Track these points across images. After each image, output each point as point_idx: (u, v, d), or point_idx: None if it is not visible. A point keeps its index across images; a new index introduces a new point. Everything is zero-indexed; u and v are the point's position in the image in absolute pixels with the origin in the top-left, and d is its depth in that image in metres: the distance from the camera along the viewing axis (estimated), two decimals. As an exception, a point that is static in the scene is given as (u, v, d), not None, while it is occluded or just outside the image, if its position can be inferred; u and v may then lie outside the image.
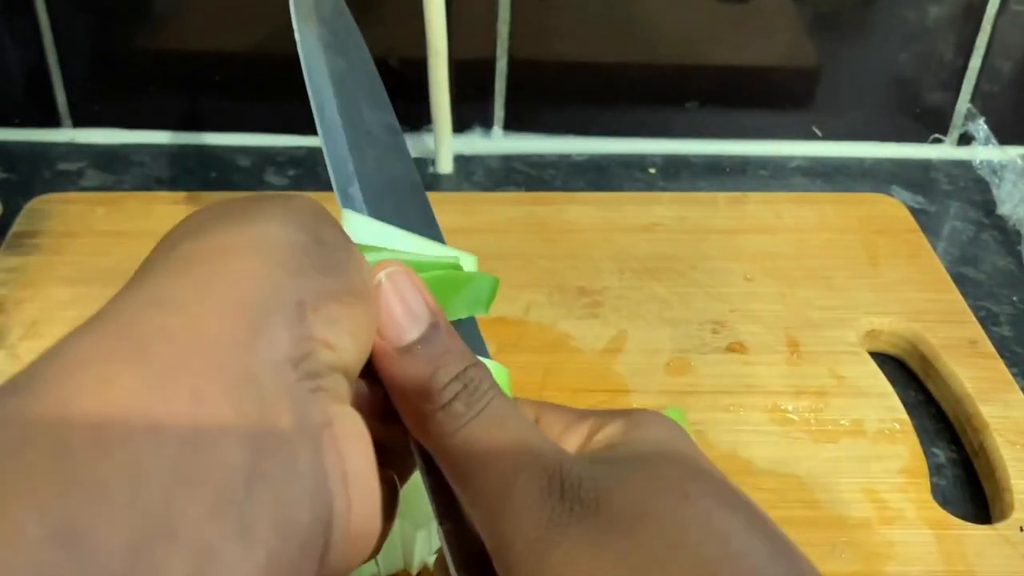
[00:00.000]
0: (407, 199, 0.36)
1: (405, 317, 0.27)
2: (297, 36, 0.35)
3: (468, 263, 0.32)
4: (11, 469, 0.18)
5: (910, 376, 0.53)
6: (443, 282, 0.30)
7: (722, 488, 0.26)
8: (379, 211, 0.32)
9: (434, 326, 0.27)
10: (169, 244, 0.26)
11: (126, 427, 0.20)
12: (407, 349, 0.27)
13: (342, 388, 0.25)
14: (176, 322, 0.22)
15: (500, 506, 0.25)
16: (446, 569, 0.27)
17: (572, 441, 0.29)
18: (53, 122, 0.68)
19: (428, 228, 0.35)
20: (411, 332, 0.27)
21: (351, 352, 0.25)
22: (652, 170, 0.68)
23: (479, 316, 0.33)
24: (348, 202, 0.32)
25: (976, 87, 0.68)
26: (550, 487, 0.25)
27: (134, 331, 0.22)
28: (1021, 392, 0.49)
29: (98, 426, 0.20)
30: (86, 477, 0.19)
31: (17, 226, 0.58)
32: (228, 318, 0.23)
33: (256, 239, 0.25)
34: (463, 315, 0.31)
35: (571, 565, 0.24)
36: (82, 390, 0.20)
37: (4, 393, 0.20)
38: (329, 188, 0.31)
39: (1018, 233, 0.62)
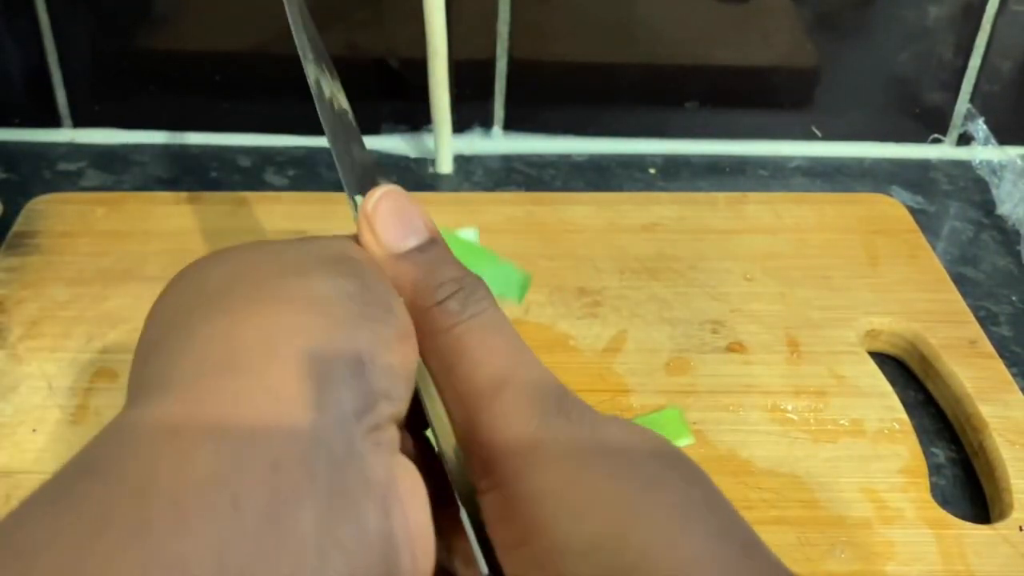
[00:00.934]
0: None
1: (402, 227, 0.28)
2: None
3: (470, 235, 0.32)
4: (93, 552, 0.18)
5: (910, 376, 0.53)
6: (470, 252, 0.31)
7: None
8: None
9: (432, 241, 0.28)
10: (210, 292, 0.25)
11: (206, 503, 0.19)
12: (405, 255, 0.27)
13: (396, 438, 0.25)
14: (247, 385, 0.22)
15: (488, 404, 0.25)
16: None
17: None
18: (53, 122, 0.68)
19: None
20: (408, 240, 0.28)
21: (406, 400, 0.25)
22: (652, 170, 0.68)
23: None
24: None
25: (976, 87, 0.68)
26: (543, 395, 0.25)
27: (208, 399, 0.21)
28: (1021, 392, 0.49)
29: (178, 504, 0.19)
30: (168, 558, 0.18)
31: (17, 226, 0.58)
32: (297, 378, 0.22)
33: (308, 291, 0.24)
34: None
35: (555, 466, 0.24)
36: (160, 467, 0.20)
37: (79, 473, 0.20)
38: (329, 188, 0.31)
39: (1017, 233, 0.63)
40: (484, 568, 0.26)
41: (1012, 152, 0.67)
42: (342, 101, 0.36)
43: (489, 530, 0.25)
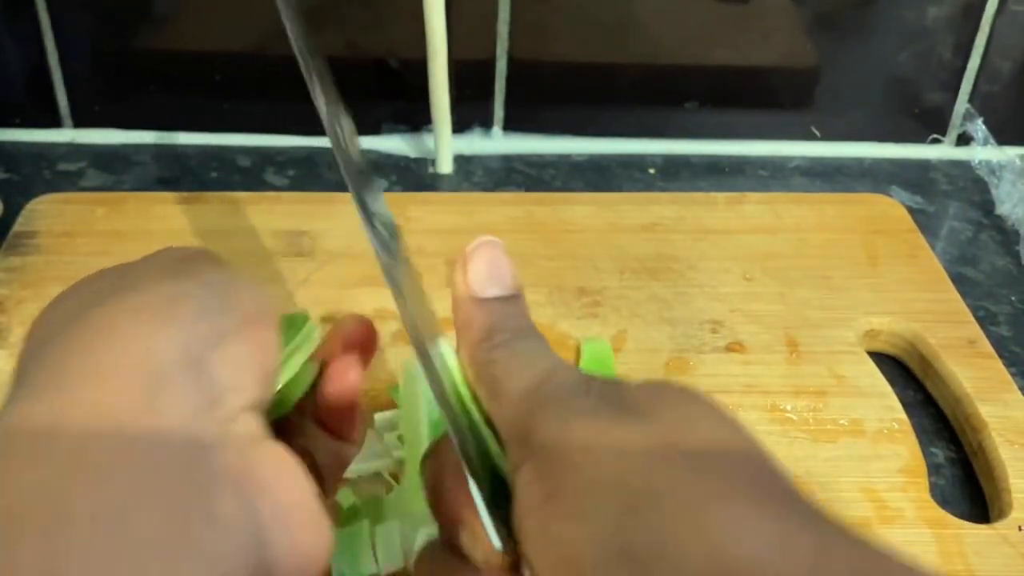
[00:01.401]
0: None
1: (490, 275, 0.29)
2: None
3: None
4: None
5: (909, 376, 0.53)
6: None
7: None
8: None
9: (515, 296, 0.30)
10: (66, 313, 0.26)
11: (37, 512, 0.20)
12: (484, 301, 0.29)
13: (256, 424, 0.26)
14: (84, 397, 0.22)
15: (530, 394, 0.26)
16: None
17: None
18: (53, 122, 0.68)
19: None
20: (491, 289, 0.29)
21: (258, 387, 0.26)
22: (652, 170, 0.68)
23: None
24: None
25: (975, 87, 0.68)
26: (583, 385, 0.26)
27: (46, 410, 0.22)
28: (1020, 392, 0.49)
29: (10, 513, 0.20)
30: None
31: (17, 226, 0.58)
32: (132, 385, 0.23)
33: (137, 300, 0.25)
34: None
35: (593, 422, 0.24)
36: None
37: None
38: (329, 188, 0.31)
39: (1016, 233, 0.63)
40: (496, 541, 0.26)
41: (1011, 152, 0.67)
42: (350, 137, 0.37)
43: (519, 495, 0.25)
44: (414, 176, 0.67)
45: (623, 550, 0.22)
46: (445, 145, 0.66)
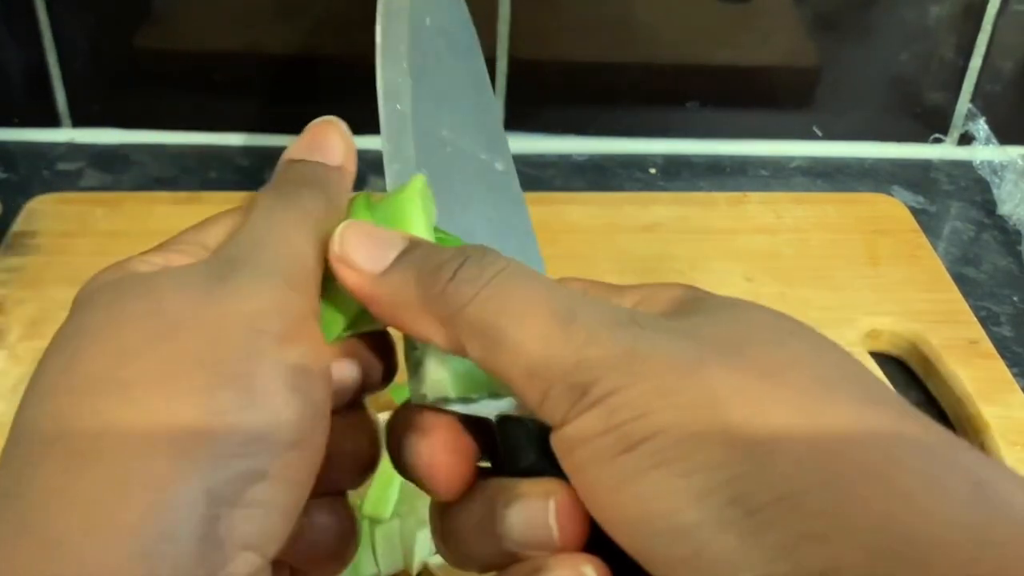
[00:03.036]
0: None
1: (376, 246, 0.26)
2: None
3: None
4: None
5: (911, 376, 0.52)
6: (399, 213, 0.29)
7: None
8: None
9: (414, 242, 0.26)
10: (35, 436, 0.23)
11: None
12: (391, 267, 0.25)
13: (258, 565, 0.23)
14: (62, 567, 0.20)
15: (564, 337, 0.22)
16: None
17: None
18: (53, 122, 0.68)
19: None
20: (388, 253, 0.25)
21: (274, 544, 0.23)
22: (652, 170, 0.68)
23: None
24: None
25: (977, 87, 0.68)
26: (618, 319, 0.23)
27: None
28: (1022, 392, 0.49)
29: None
30: None
31: (17, 226, 0.58)
32: (115, 553, 0.20)
33: (154, 423, 0.22)
34: None
35: (665, 370, 0.22)
36: None
37: None
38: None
39: (1019, 233, 0.62)
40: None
41: (1013, 152, 0.67)
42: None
43: (574, 449, 0.22)
44: (414, 176, 0.67)
45: (735, 499, 0.20)
46: (445, 145, 0.66)
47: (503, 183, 0.36)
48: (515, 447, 0.26)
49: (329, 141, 0.29)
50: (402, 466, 0.26)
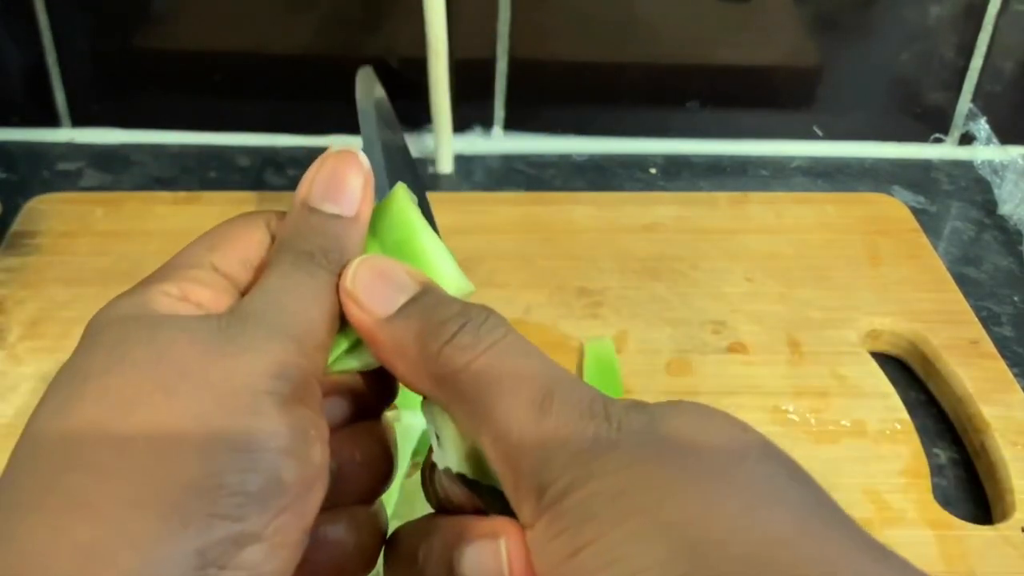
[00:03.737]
0: None
1: (387, 287, 0.26)
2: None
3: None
4: None
5: (911, 376, 0.52)
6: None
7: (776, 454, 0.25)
8: None
9: (425, 289, 0.26)
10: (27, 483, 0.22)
11: None
12: (398, 313, 0.26)
13: None
14: None
15: (536, 426, 0.23)
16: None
17: None
18: (52, 122, 0.68)
19: None
20: (398, 298, 0.26)
21: None
22: (652, 170, 0.68)
23: None
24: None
25: (977, 87, 0.68)
26: (592, 409, 0.24)
27: None
28: (1022, 392, 0.49)
29: None
30: None
31: (17, 226, 0.58)
32: None
33: (145, 486, 0.22)
34: None
35: (621, 469, 0.22)
36: None
37: None
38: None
39: (1019, 233, 0.62)
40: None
41: (1014, 152, 0.67)
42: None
43: (535, 548, 0.23)
44: (414, 176, 0.67)
45: None
46: (445, 145, 0.66)
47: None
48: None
49: (348, 184, 0.28)
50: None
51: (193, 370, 0.23)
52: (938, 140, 0.70)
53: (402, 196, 0.29)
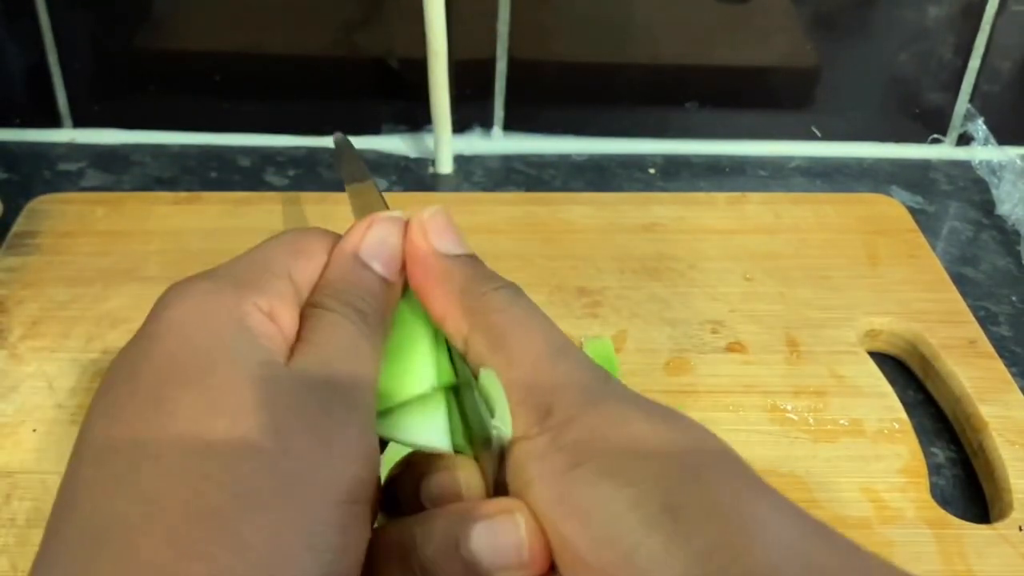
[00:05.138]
0: None
1: (453, 236, 0.30)
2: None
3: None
4: None
5: (909, 376, 0.53)
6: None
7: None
8: None
9: (476, 256, 0.30)
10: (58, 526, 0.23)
11: None
12: (454, 258, 0.29)
13: None
14: None
15: (552, 360, 0.27)
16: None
17: None
18: (53, 122, 0.68)
19: None
20: (457, 247, 0.30)
21: None
22: (652, 170, 0.68)
23: None
24: None
25: (975, 87, 0.68)
26: (595, 371, 0.27)
27: None
28: (1020, 392, 0.49)
29: None
30: None
31: (17, 226, 0.58)
32: None
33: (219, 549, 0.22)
34: None
35: (618, 411, 0.26)
36: None
37: None
38: (329, 188, 0.31)
39: (1017, 233, 0.63)
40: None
41: (1012, 152, 0.67)
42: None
43: (529, 464, 0.25)
44: (414, 176, 0.67)
45: (666, 507, 0.23)
46: (445, 145, 0.66)
47: None
48: None
49: (396, 249, 0.30)
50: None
51: (291, 468, 0.24)
52: (936, 140, 0.70)
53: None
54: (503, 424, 0.27)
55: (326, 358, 0.26)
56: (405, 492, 0.28)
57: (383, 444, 0.29)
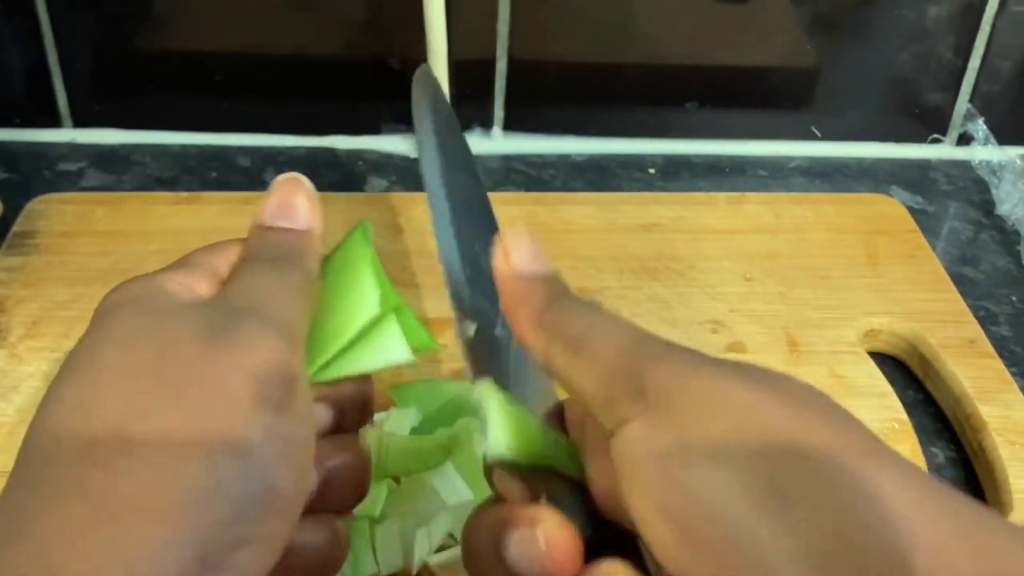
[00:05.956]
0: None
1: (531, 256, 0.31)
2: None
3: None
4: None
5: (909, 376, 0.53)
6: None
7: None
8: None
9: (557, 274, 0.31)
10: (50, 475, 0.24)
11: None
12: (530, 276, 0.30)
13: None
14: None
15: (631, 350, 0.27)
16: None
17: None
18: (53, 122, 0.68)
19: None
20: (533, 266, 0.31)
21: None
22: (651, 170, 0.68)
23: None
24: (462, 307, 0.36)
25: (975, 87, 0.68)
26: (680, 347, 0.27)
27: None
28: (1020, 392, 0.49)
29: None
30: None
31: (17, 226, 0.58)
32: None
33: (145, 491, 0.23)
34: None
35: (717, 383, 0.25)
36: None
37: None
38: (328, 188, 0.31)
39: (1017, 233, 0.63)
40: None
41: (1012, 152, 0.67)
42: None
43: (628, 451, 0.25)
44: (414, 176, 0.67)
45: (772, 487, 0.22)
46: (445, 145, 0.66)
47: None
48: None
49: (296, 203, 0.32)
50: (502, 564, 0.27)
51: (194, 370, 0.25)
52: (936, 140, 0.70)
53: (361, 236, 0.33)
54: (493, 443, 0.28)
55: (225, 292, 0.29)
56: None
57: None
